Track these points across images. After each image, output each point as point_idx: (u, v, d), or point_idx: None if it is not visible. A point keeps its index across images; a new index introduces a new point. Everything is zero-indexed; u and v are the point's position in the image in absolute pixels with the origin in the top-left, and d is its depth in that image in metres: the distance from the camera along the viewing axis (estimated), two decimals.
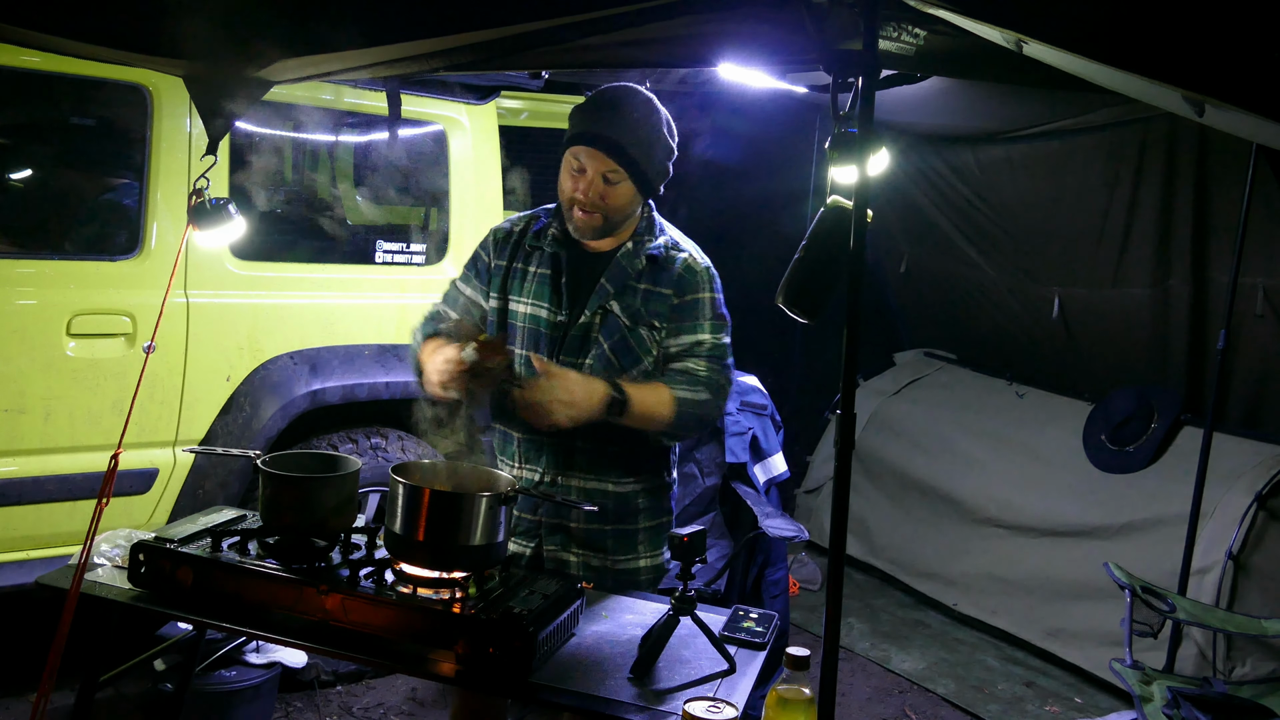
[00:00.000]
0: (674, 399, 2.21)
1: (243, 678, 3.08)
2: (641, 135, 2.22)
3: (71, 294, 3.04)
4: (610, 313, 2.27)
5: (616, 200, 2.23)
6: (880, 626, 4.63)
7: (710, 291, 2.32)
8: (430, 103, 3.73)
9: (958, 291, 5.52)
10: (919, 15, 1.80)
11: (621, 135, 2.20)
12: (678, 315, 2.29)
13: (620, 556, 2.33)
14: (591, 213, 2.23)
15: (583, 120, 2.24)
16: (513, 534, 2.31)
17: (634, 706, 1.77)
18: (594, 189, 2.21)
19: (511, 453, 2.37)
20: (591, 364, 2.25)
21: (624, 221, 2.30)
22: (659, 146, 2.26)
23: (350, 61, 2.29)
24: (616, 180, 2.21)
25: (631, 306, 2.27)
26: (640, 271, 2.30)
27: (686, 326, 2.29)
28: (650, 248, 2.31)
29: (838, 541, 1.73)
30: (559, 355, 2.27)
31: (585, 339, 2.27)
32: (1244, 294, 3.91)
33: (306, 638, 1.95)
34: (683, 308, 2.29)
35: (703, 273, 2.32)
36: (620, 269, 2.29)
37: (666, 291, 2.29)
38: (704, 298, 2.30)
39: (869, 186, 1.69)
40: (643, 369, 2.29)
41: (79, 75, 3.03)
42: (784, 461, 3.95)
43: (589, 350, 2.26)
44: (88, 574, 2.12)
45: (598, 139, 2.20)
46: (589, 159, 2.21)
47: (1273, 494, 3.77)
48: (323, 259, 3.67)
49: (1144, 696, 2.98)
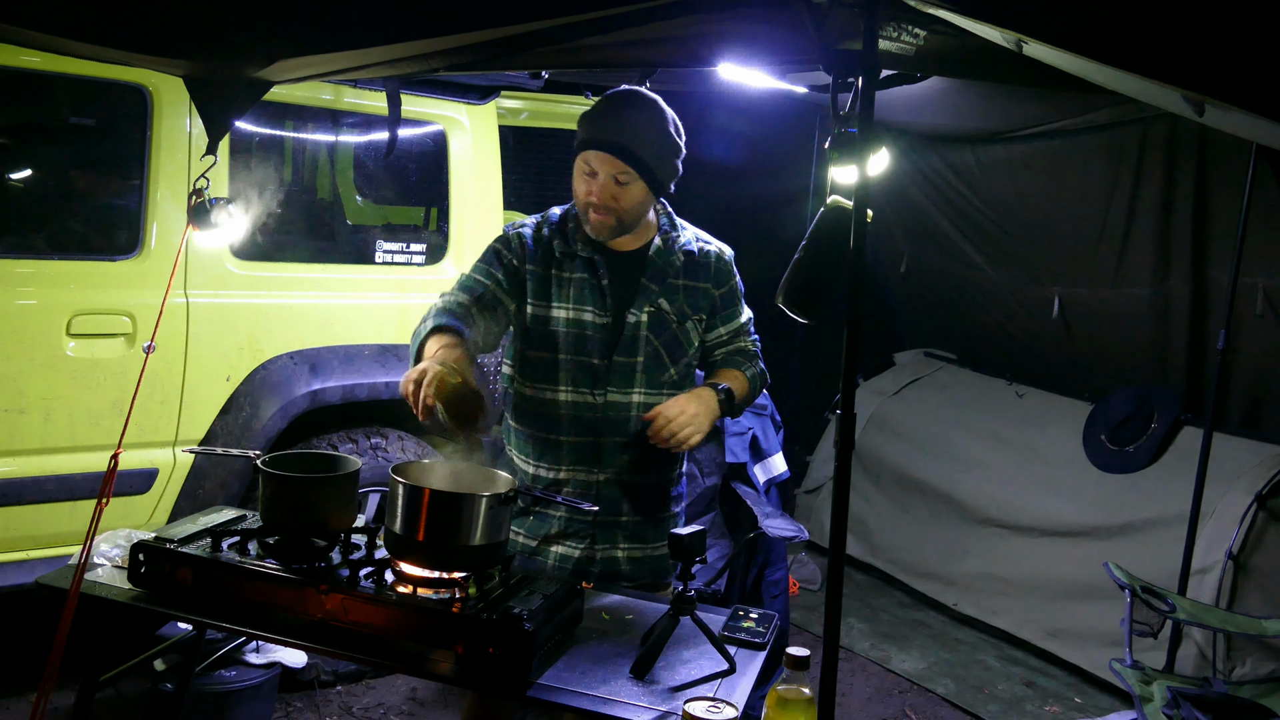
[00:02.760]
0: (748, 378, 2.45)
1: (243, 678, 3.08)
2: (649, 136, 2.28)
3: (71, 294, 3.04)
4: (662, 310, 2.36)
5: (629, 201, 2.29)
6: (880, 626, 4.63)
7: (736, 277, 2.50)
8: (430, 103, 3.73)
9: (958, 291, 5.52)
10: (919, 15, 1.80)
11: (630, 138, 2.25)
12: (722, 304, 2.46)
13: (659, 543, 2.42)
14: (605, 214, 2.29)
15: (591, 126, 2.29)
16: (561, 537, 2.36)
17: (634, 706, 1.77)
18: (607, 191, 2.27)
19: (529, 452, 2.39)
20: (644, 361, 2.35)
21: (638, 221, 2.36)
22: (667, 146, 2.32)
23: (350, 61, 2.29)
24: (627, 181, 2.27)
25: (676, 302, 2.38)
26: (679, 268, 2.40)
27: (731, 313, 2.48)
28: (683, 244, 2.42)
29: (838, 541, 1.73)
30: (612, 357, 2.33)
31: (635, 339, 2.34)
32: (1244, 294, 3.91)
33: (306, 638, 1.95)
34: (725, 297, 2.46)
35: (730, 261, 2.48)
36: (659, 268, 2.38)
37: (705, 285, 2.42)
38: (735, 284, 2.49)
39: (869, 186, 1.69)
40: (685, 362, 2.42)
41: (79, 75, 3.03)
42: (784, 461, 3.96)
43: (639, 349, 2.34)
44: (88, 574, 2.12)
45: (607, 143, 2.25)
46: (600, 163, 2.26)
47: (1273, 494, 3.76)
48: (323, 259, 3.67)
49: (1144, 696, 2.98)
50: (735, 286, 2.48)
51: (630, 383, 2.33)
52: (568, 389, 2.32)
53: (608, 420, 2.32)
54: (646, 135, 2.28)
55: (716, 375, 2.42)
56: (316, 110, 3.59)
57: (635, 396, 2.34)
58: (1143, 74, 1.51)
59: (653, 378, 2.35)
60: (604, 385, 2.32)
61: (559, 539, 2.35)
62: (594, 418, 2.32)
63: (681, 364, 2.40)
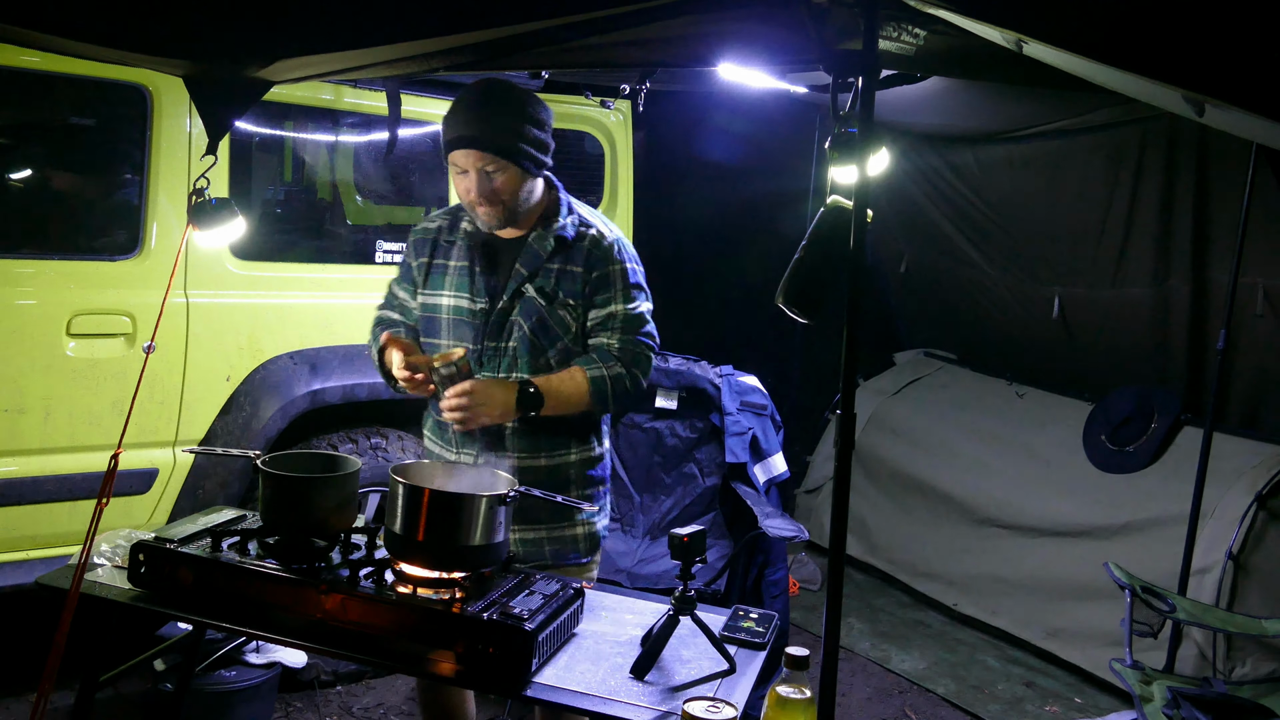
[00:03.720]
0: (588, 379, 2.33)
1: (243, 678, 3.08)
2: (502, 122, 2.28)
3: (71, 294, 3.04)
4: (526, 295, 2.37)
5: (507, 189, 2.31)
6: (880, 626, 4.63)
7: (620, 263, 2.41)
8: (430, 103, 3.73)
9: (958, 291, 5.52)
10: (919, 15, 1.80)
11: (482, 130, 2.26)
12: (591, 290, 2.39)
13: (554, 525, 2.43)
14: (489, 206, 2.32)
15: (449, 125, 2.32)
16: None
17: (634, 706, 1.77)
18: (482, 185, 2.30)
19: (447, 439, 2.47)
20: (515, 346, 2.37)
21: (528, 206, 2.38)
22: (524, 124, 2.30)
23: (350, 61, 2.29)
24: (496, 170, 2.29)
25: (546, 287, 2.37)
26: (551, 252, 2.39)
27: (599, 300, 2.40)
28: (558, 229, 2.40)
29: (838, 541, 1.73)
30: (483, 341, 2.38)
31: (504, 324, 2.38)
32: (1244, 294, 3.91)
33: (306, 638, 1.95)
34: (595, 282, 2.39)
35: (611, 245, 2.42)
36: (533, 252, 2.39)
37: (578, 269, 2.39)
38: (614, 269, 2.40)
39: (869, 186, 1.69)
40: (563, 347, 2.39)
41: (79, 75, 3.03)
42: (784, 461, 3.95)
43: (510, 334, 2.37)
44: (88, 574, 2.12)
45: (465, 139, 2.28)
46: (464, 159, 2.29)
47: (1273, 494, 3.76)
48: (323, 259, 3.66)
49: (1144, 696, 2.98)
50: (613, 273, 2.40)
51: (506, 367, 2.38)
52: None
53: None
54: (501, 122, 2.27)
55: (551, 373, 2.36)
56: (316, 110, 3.59)
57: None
58: (1143, 74, 1.51)
59: (529, 362, 2.37)
60: (480, 369, 2.38)
61: None
62: None
63: (556, 349, 2.39)
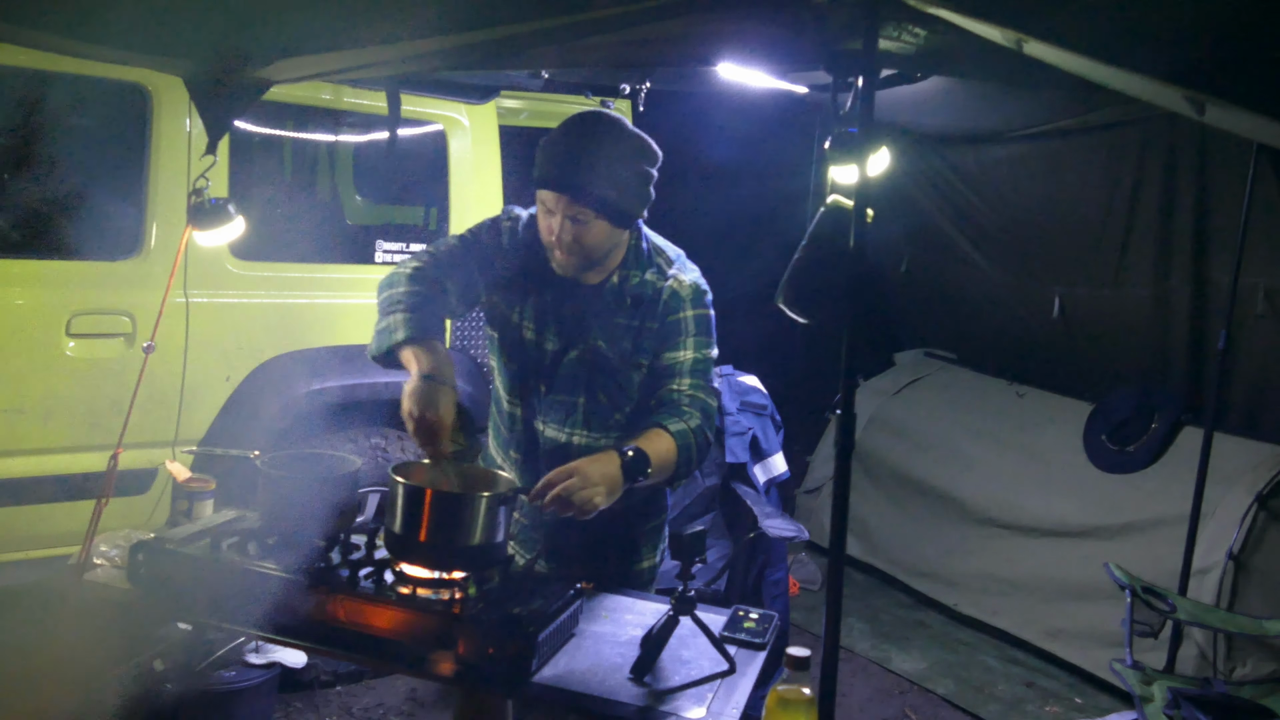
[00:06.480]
0: (673, 435, 2.10)
1: (243, 678, 3.08)
2: (606, 170, 2.06)
3: (71, 294, 3.04)
4: (600, 352, 2.18)
5: (592, 240, 2.10)
6: (880, 626, 4.63)
7: (693, 309, 2.20)
8: (430, 103, 3.73)
9: (958, 291, 5.52)
10: (919, 15, 1.79)
11: (583, 176, 2.04)
12: (661, 337, 2.19)
13: (620, 560, 2.34)
14: (569, 254, 2.11)
15: (544, 162, 2.10)
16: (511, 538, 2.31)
17: (634, 706, 1.77)
18: (567, 231, 2.08)
19: (498, 458, 2.37)
20: (584, 402, 2.20)
21: (607, 255, 2.18)
22: (630, 176, 2.10)
23: (350, 61, 2.29)
24: (585, 220, 2.07)
25: (621, 346, 2.19)
26: (628, 308, 2.20)
27: (673, 345, 2.20)
28: (634, 286, 2.20)
29: (838, 541, 1.72)
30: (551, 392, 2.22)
31: (574, 377, 2.20)
32: (1244, 294, 3.90)
33: (306, 638, 1.95)
34: (669, 327, 2.19)
35: (688, 291, 2.20)
36: (607, 306, 2.20)
37: (653, 326, 2.19)
38: (685, 317, 2.20)
39: (869, 186, 1.69)
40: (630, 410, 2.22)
41: (79, 75, 3.03)
42: (784, 461, 3.95)
43: (580, 388, 2.20)
44: (87, 574, 2.12)
45: (556, 182, 2.06)
46: (554, 202, 2.08)
47: (1273, 494, 3.76)
48: (323, 259, 3.66)
49: (1144, 697, 2.98)
50: (683, 320, 2.19)
51: (570, 423, 2.21)
52: (513, 401, 2.26)
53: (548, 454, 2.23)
54: (604, 169, 2.05)
55: (638, 435, 2.10)
56: (316, 110, 3.59)
57: (576, 439, 2.22)
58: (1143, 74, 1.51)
59: (596, 421, 2.21)
60: (537, 415, 2.23)
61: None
62: (528, 442, 2.25)
63: (626, 411, 2.21)
